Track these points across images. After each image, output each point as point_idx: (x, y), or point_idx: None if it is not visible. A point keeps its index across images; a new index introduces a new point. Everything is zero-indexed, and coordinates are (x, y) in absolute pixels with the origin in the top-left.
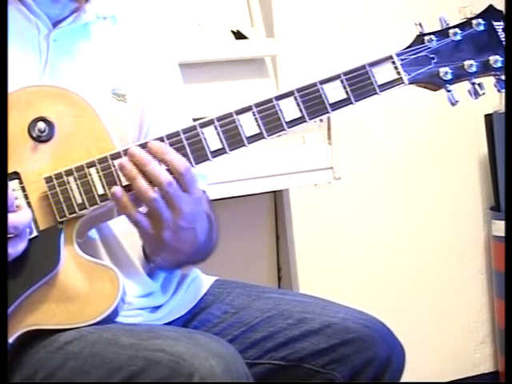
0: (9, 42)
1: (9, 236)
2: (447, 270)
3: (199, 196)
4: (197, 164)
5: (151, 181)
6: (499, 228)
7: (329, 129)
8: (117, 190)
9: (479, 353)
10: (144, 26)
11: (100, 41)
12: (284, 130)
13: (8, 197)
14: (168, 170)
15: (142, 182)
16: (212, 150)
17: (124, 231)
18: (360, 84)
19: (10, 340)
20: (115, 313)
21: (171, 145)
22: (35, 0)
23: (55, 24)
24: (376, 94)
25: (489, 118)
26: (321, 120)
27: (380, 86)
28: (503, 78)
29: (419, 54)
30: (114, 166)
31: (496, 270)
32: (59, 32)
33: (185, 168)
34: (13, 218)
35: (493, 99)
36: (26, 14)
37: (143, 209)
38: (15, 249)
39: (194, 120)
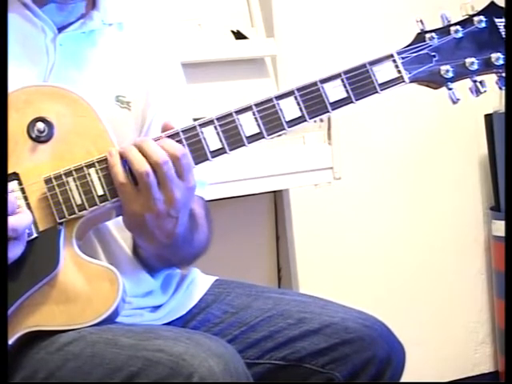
0: (14, 45)
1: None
2: (447, 270)
3: (192, 186)
4: (196, 164)
5: (147, 158)
6: (499, 228)
7: (329, 129)
8: (112, 149)
9: (479, 353)
10: (149, 31)
11: (105, 47)
12: (284, 129)
13: (8, 200)
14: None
15: (135, 153)
16: (212, 149)
17: (122, 230)
18: (360, 83)
19: (10, 341)
20: (116, 313)
21: None
22: (40, 6)
23: (61, 29)
24: (377, 92)
25: (489, 118)
26: (321, 120)
27: (381, 85)
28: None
29: (420, 52)
30: None
31: (496, 270)
32: (65, 36)
33: (181, 153)
34: (11, 221)
35: (493, 99)
36: (31, 18)
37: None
38: (13, 252)
39: (194, 120)
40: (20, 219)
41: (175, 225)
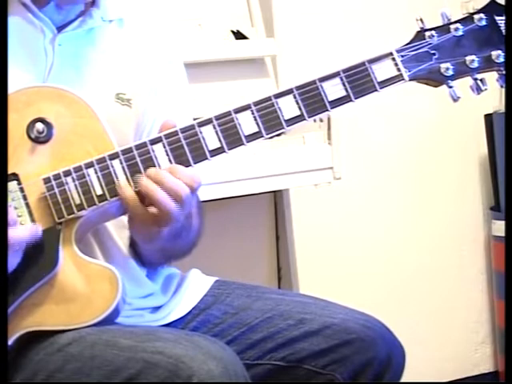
0: (13, 46)
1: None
2: (447, 270)
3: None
4: (195, 163)
5: (169, 194)
6: (499, 228)
7: (329, 129)
8: (121, 182)
9: (479, 353)
10: (150, 28)
11: (105, 45)
12: (283, 128)
13: (8, 213)
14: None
15: (162, 193)
16: (210, 149)
17: (120, 230)
18: (359, 81)
19: (10, 341)
20: (116, 313)
21: (169, 144)
22: (39, 6)
23: (60, 28)
24: (376, 90)
25: (489, 118)
26: (321, 120)
27: (380, 83)
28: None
29: (420, 50)
30: (112, 166)
31: (496, 270)
32: (64, 36)
33: (196, 183)
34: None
35: (493, 99)
36: (30, 19)
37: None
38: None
39: (194, 120)
40: (14, 233)
41: (179, 222)
